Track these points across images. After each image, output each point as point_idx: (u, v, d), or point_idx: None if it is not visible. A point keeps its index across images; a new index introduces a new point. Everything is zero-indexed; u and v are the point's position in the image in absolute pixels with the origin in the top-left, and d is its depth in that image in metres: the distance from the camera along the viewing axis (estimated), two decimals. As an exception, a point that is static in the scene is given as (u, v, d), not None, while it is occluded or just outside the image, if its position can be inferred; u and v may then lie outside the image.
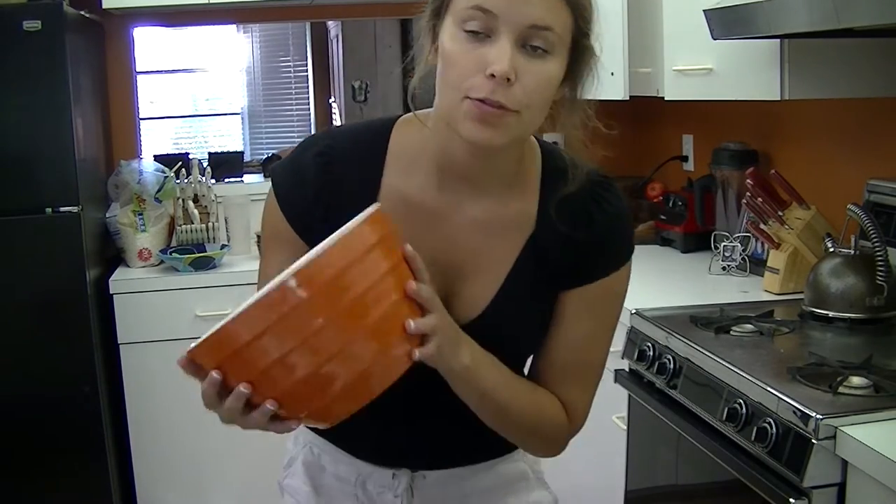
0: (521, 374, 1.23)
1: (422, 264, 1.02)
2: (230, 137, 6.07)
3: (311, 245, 1.07)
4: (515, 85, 1.00)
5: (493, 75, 0.99)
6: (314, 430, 1.32)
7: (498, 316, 1.16)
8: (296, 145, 1.19)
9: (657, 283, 2.61)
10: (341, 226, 1.02)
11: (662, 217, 3.16)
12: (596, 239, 1.16)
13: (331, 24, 5.42)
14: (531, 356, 1.25)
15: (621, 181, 1.73)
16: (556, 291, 1.18)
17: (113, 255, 3.23)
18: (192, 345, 0.96)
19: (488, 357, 1.12)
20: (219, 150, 3.87)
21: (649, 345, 2.09)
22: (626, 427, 2.24)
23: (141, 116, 3.71)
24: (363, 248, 0.95)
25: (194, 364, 0.97)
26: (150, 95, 5.63)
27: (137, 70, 3.71)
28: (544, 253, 1.16)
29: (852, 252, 2.15)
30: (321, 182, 1.14)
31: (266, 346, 0.92)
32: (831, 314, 2.12)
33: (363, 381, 0.97)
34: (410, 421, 1.22)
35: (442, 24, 1.05)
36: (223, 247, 3.24)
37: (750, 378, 1.73)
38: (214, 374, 0.95)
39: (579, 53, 1.06)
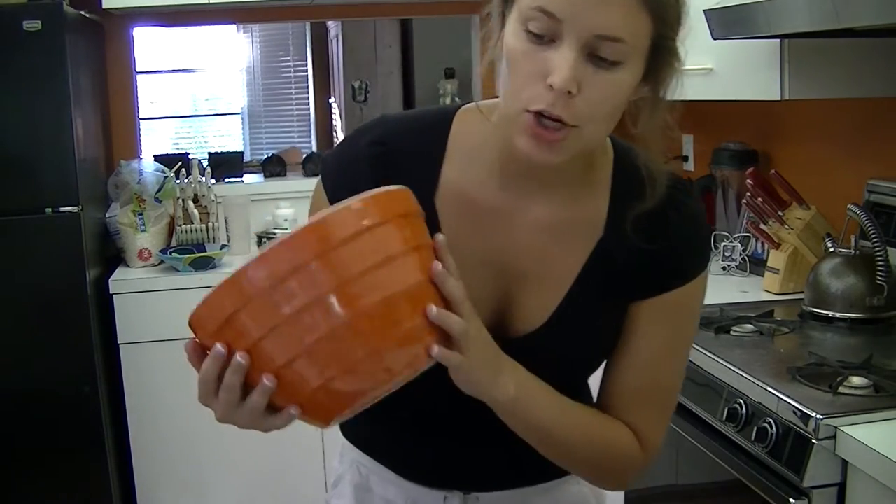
0: (579, 400, 1.11)
1: (453, 263, 0.92)
2: (230, 137, 6.07)
3: None
4: (578, 98, 0.90)
5: (552, 86, 0.90)
6: (361, 447, 1.23)
7: (560, 328, 1.06)
8: (346, 134, 1.09)
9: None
10: None
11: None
12: (673, 244, 1.05)
13: (331, 24, 5.41)
14: (596, 379, 1.15)
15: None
16: (626, 303, 1.08)
17: (113, 255, 3.22)
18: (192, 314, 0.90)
19: (539, 385, 1.02)
20: (219, 150, 3.87)
21: (649, 345, 2.09)
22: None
23: (141, 116, 3.71)
24: (383, 216, 0.87)
25: (197, 347, 0.91)
26: (150, 95, 5.63)
27: (137, 70, 3.71)
28: (614, 260, 1.06)
29: (852, 252, 2.15)
30: (375, 173, 1.04)
31: (261, 313, 0.84)
32: (831, 314, 2.12)
33: (369, 367, 0.86)
34: (463, 440, 1.13)
35: (510, 14, 0.95)
36: (223, 247, 3.24)
37: (750, 378, 1.73)
38: (219, 346, 0.87)
39: (660, 55, 0.96)
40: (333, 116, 5.33)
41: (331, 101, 5.46)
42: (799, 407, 1.58)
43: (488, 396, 0.97)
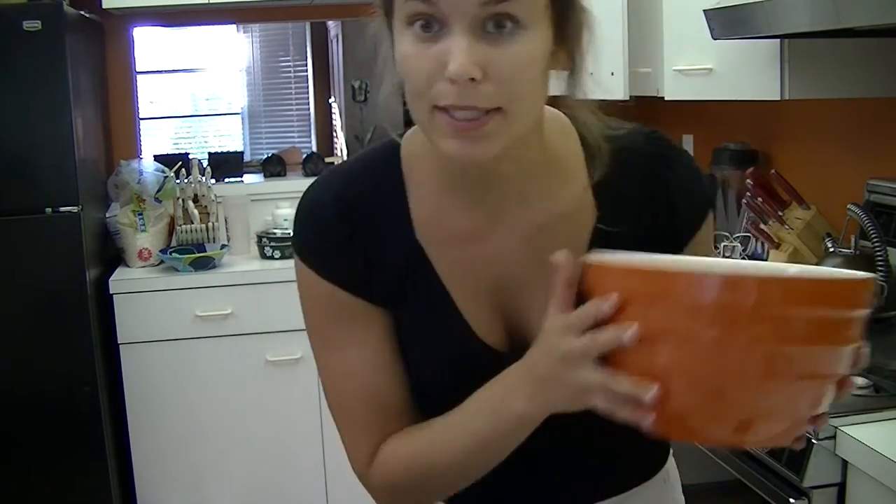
0: None
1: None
2: (230, 137, 6.07)
3: (390, 309, 0.98)
4: (485, 81, 0.83)
5: (451, 79, 0.83)
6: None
7: None
8: (298, 207, 1.02)
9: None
10: (386, 279, 0.96)
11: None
12: (674, 202, 1.00)
13: (331, 24, 5.41)
14: None
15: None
16: None
17: (113, 255, 3.23)
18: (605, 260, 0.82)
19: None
20: (219, 150, 3.87)
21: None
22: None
23: (141, 116, 3.71)
24: (846, 304, 0.83)
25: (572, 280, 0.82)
26: (150, 95, 5.63)
27: (137, 70, 3.71)
28: (615, 239, 0.97)
29: (852, 252, 2.15)
30: (348, 234, 0.98)
31: (679, 318, 0.76)
32: (831, 314, 2.12)
33: (729, 420, 0.79)
34: (550, 473, 1.05)
35: (395, 24, 0.88)
36: (223, 247, 3.24)
37: (750, 378, 1.73)
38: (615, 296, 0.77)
39: (564, 9, 0.88)
40: (333, 116, 5.33)
41: (331, 100, 5.46)
42: (799, 407, 1.58)
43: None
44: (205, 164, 3.57)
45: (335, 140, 5.20)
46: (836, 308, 0.80)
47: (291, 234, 1.03)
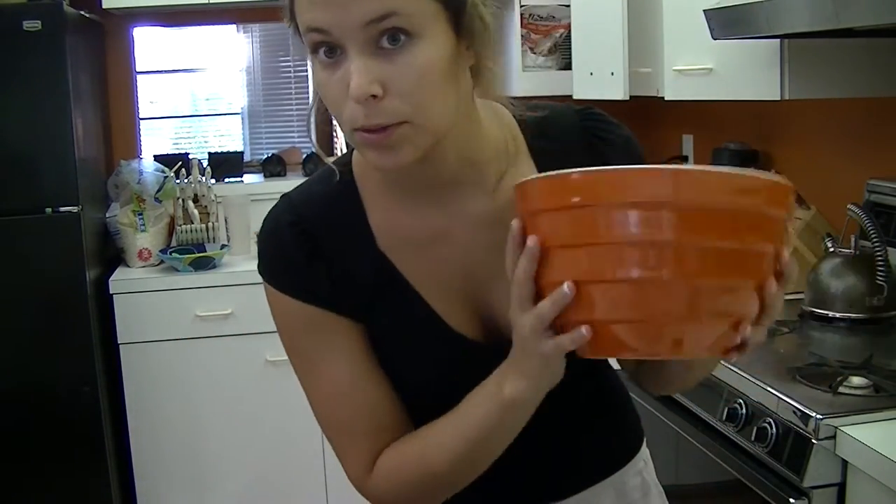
0: (606, 374, 1.15)
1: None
2: (230, 137, 6.06)
3: (363, 320, 1.00)
4: (387, 96, 0.85)
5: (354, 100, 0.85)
6: None
7: None
8: (259, 233, 1.05)
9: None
10: (354, 293, 0.98)
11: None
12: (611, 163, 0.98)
13: (331, 24, 5.42)
14: None
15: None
16: None
17: (113, 255, 3.23)
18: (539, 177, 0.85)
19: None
20: (218, 150, 3.87)
21: (649, 345, 2.09)
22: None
23: (141, 116, 3.71)
24: (763, 204, 0.81)
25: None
26: (150, 95, 5.62)
27: (137, 70, 3.71)
28: None
29: (852, 252, 2.15)
30: (307, 254, 1.00)
31: (587, 224, 0.79)
32: (831, 314, 2.12)
33: (662, 330, 0.81)
34: (534, 450, 1.04)
35: (308, 56, 0.91)
36: (223, 247, 3.24)
37: (750, 378, 1.73)
38: (534, 238, 0.83)
39: (456, 8, 0.89)
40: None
41: (331, 101, 5.45)
42: (799, 407, 1.58)
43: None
44: (205, 163, 3.57)
45: (334, 140, 5.20)
46: (752, 201, 0.80)
47: (256, 261, 1.06)
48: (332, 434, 1.04)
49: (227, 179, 3.62)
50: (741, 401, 1.72)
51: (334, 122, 0.95)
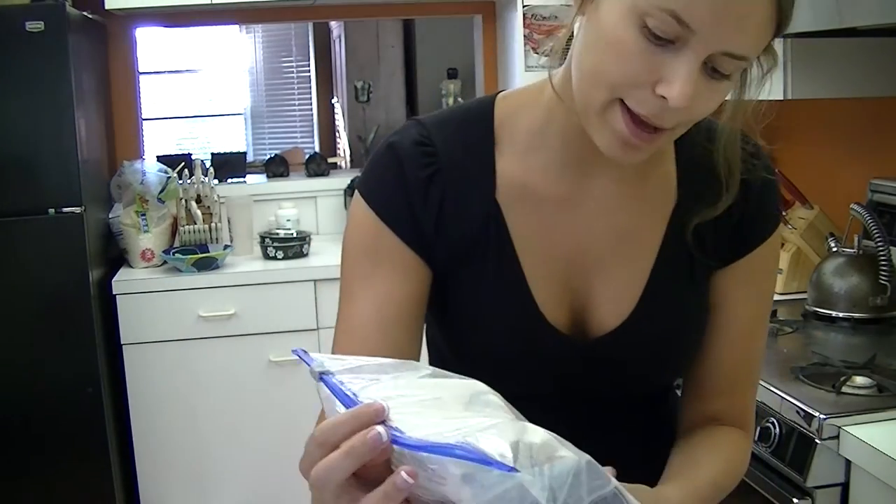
0: (666, 407, 1.08)
1: None
2: (233, 138, 6.07)
3: (431, 265, 0.94)
4: (684, 109, 0.82)
5: (667, 99, 0.80)
6: None
7: (651, 312, 0.98)
8: (378, 146, 0.99)
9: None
10: (456, 233, 0.93)
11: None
12: (752, 205, 0.99)
13: (333, 24, 5.41)
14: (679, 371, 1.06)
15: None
16: (708, 273, 1.00)
17: (116, 256, 3.23)
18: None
19: (680, 492, 0.92)
20: (221, 151, 3.87)
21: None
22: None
23: (144, 117, 3.71)
24: None
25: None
26: (153, 96, 5.64)
27: (140, 70, 3.71)
28: (691, 226, 0.97)
29: (855, 252, 2.15)
30: (428, 175, 0.94)
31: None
32: (834, 314, 2.12)
33: None
34: None
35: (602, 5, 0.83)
36: (226, 247, 3.24)
37: (753, 378, 1.73)
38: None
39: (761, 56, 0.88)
40: (336, 117, 5.33)
41: (333, 101, 5.46)
42: (802, 407, 1.58)
43: None
44: (208, 164, 3.57)
45: (338, 140, 5.20)
46: None
47: (360, 174, 0.97)
48: (344, 342, 0.97)
49: (229, 180, 3.63)
50: (744, 401, 1.72)
51: (338, 124, 0.93)
